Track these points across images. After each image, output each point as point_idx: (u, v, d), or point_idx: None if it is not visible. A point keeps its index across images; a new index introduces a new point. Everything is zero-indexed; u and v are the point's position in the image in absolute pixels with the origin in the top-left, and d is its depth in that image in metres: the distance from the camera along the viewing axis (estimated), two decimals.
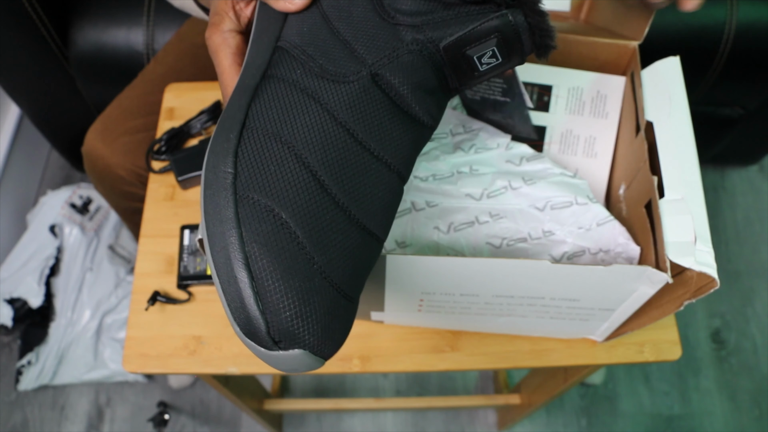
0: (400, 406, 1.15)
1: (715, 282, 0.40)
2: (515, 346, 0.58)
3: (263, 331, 0.31)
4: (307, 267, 0.31)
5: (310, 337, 0.31)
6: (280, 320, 0.31)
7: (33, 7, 0.96)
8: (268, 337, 0.31)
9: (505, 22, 0.35)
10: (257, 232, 0.31)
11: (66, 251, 1.21)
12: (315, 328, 0.31)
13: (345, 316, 0.33)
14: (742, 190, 1.45)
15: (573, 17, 0.65)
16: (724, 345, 1.28)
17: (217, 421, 1.20)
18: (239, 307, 0.31)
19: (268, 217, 0.32)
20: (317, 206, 0.33)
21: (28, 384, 1.19)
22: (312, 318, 0.31)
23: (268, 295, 0.31)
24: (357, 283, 0.34)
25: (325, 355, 0.32)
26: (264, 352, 0.31)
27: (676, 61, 0.51)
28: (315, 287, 0.31)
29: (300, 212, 0.32)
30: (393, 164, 0.36)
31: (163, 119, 0.72)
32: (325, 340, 0.32)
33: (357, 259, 0.34)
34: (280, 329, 0.31)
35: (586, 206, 0.53)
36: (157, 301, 0.60)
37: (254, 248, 0.31)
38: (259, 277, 0.31)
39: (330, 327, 0.32)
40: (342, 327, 0.33)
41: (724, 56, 1.02)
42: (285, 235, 0.32)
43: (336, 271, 0.33)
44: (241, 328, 0.32)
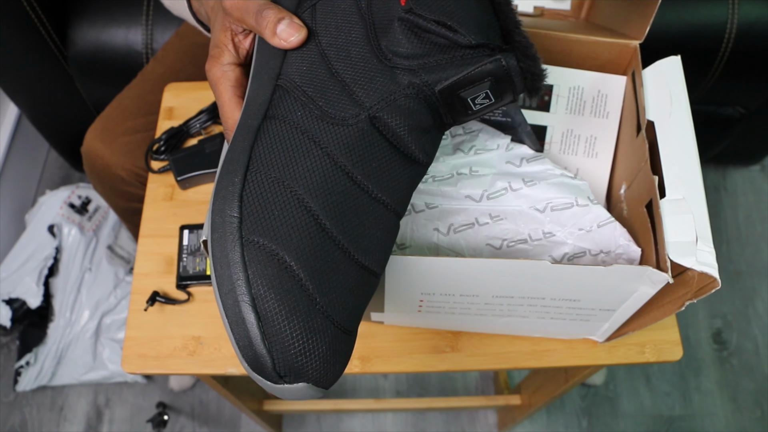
0: (400, 407, 1.15)
1: (717, 282, 0.40)
2: (516, 347, 0.58)
3: (270, 367, 0.33)
4: (309, 307, 0.33)
5: (314, 372, 0.33)
6: (285, 357, 0.32)
7: (32, 7, 0.96)
8: (274, 373, 0.33)
9: (498, 66, 0.37)
10: (263, 274, 0.33)
11: (65, 251, 1.21)
12: (318, 364, 0.33)
13: (345, 349, 0.35)
14: (744, 190, 1.44)
15: (574, 16, 0.64)
16: (726, 345, 1.28)
17: (217, 421, 1.20)
18: (247, 346, 0.33)
19: (273, 260, 0.33)
20: (319, 249, 0.34)
21: (26, 385, 1.19)
22: (315, 354, 0.33)
23: (273, 335, 0.32)
24: (356, 318, 0.36)
25: (327, 386, 0.34)
26: (270, 385, 0.33)
27: (677, 60, 0.51)
28: (317, 326, 0.33)
29: (303, 255, 0.34)
30: (390, 204, 0.38)
31: (162, 119, 0.72)
32: (326, 373, 0.34)
33: (356, 296, 0.36)
34: (285, 365, 0.33)
35: (586, 207, 0.53)
36: (156, 302, 0.60)
37: (260, 290, 0.33)
38: (266, 317, 0.33)
39: (331, 361, 0.34)
40: (342, 359, 0.35)
41: (726, 56, 1.02)
42: (289, 277, 0.33)
43: (336, 309, 0.34)
44: (249, 365, 0.33)
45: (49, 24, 1.00)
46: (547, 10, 0.64)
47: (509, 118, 0.56)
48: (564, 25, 0.61)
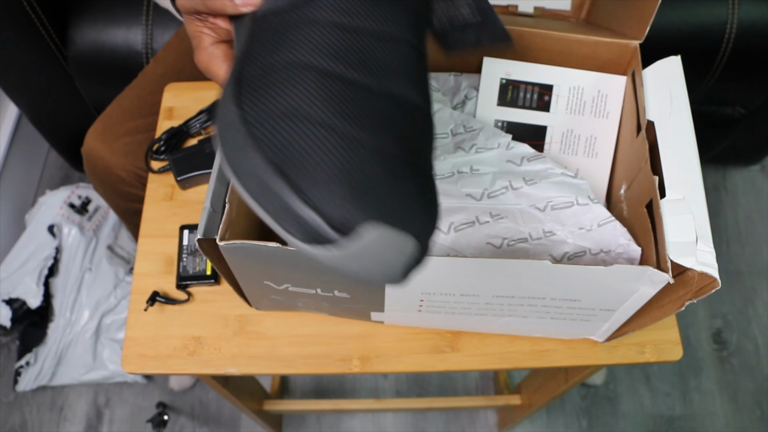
0: (400, 407, 1.15)
1: (717, 282, 0.40)
2: (516, 347, 0.58)
3: (324, 225, 0.27)
4: (340, 142, 0.29)
5: (374, 209, 0.28)
6: (333, 205, 0.28)
7: (32, 7, 0.96)
8: (332, 231, 0.28)
9: None
10: (277, 140, 0.29)
11: (65, 251, 1.21)
12: (374, 197, 0.28)
13: (413, 182, 0.30)
14: (744, 190, 1.44)
15: (574, 16, 0.64)
16: (726, 345, 1.28)
17: (217, 421, 1.20)
18: (288, 215, 0.28)
19: (284, 122, 0.30)
20: (333, 92, 0.31)
21: (26, 385, 1.19)
22: (366, 187, 0.28)
23: (310, 188, 0.28)
24: (413, 149, 0.31)
25: (408, 227, 0.28)
26: (338, 254, 0.28)
27: (677, 60, 0.51)
28: (357, 157, 0.29)
29: (316, 102, 0.30)
30: (396, 35, 0.35)
31: (162, 119, 0.72)
32: (395, 208, 0.28)
33: (399, 125, 0.31)
34: (336, 213, 0.27)
35: (587, 207, 0.53)
36: (156, 302, 0.60)
37: (278, 155, 0.29)
38: (293, 174, 0.28)
39: (395, 193, 0.29)
40: (415, 194, 0.30)
41: (726, 55, 1.02)
42: (306, 127, 0.29)
43: (377, 137, 0.30)
44: (300, 236, 0.28)
45: (49, 24, 1.00)
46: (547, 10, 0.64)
47: (479, 18, 0.51)
48: (564, 25, 0.61)
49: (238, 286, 0.54)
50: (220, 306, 0.60)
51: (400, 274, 0.29)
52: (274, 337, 0.59)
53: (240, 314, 0.60)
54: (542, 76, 0.58)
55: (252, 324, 0.59)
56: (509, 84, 0.59)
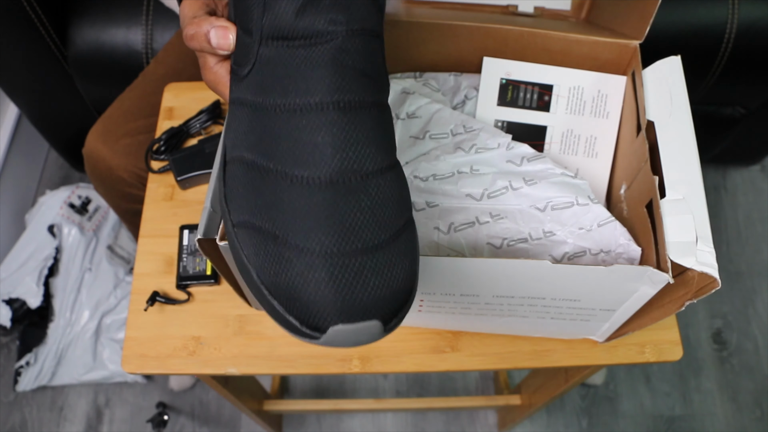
0: (400, 407, 1.15)
1: (717, 282, 0.40)
2: (516, 347, 0.58)
3: (302, 329, 0.33)
4: (280, 249, 0.34)
5: (337, 313, 0.32)
6: (306, 314, 0.33)
7: (32, 7, 0.96)
8: (309, 331, 0.33)
9: None
10: (257, 263, 0.35)
11: (65, 251, 1.21)
12: (334, 302, 0.33)
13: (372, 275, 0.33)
14: (744, 190, 1.44)
15: (574, 16, 0.64)
16: (726, 345, 1.28)
17: (217, 421, 1.20)
18: (280, 318, 0.34)
19: (247, 229, 0.36)
20: (257, 186, 0.36)
21: (26, 385, 1.19)
22: (323, 295, 0.33)
23: (288, 304, 0.33)
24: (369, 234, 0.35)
25: (374, 316, 0.33)
26: (322, 342, 0.33)
27: (677, 60, 0.51)
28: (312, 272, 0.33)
29: (254, 205, 0.36)
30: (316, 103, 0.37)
31: (163, 119, 0.72)
32: (356, 306, 0.33)
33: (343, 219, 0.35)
34: (312, 322, 0.33)
35: (587, 207, 0.53)
36: (156, 302, 0.60)
37: (262, 275, 0.34)
38: (276, 295, 0.34)
39: (355, 292, 0.33)
40: (376, 284, 0.33)
41: (726, 55, 1.02)
42: (256, 234, 0.35)
43: (292, 231, 0.34)
44: (292, 333, 0.34)
45: (49, 24, 1.00)
46: (547, 10, 0.64)
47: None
48: (564, 25, 0.61)
49: (238, 286, 0.54)
50: (220, 306, 0.60)
51: (377, 339, 0.34)
52: (274, 337, 0.59)
53: (240, 314, 0.60)
54: (542, 76, 0.58)
55: (252, 324, 0.59)
56: (509, 84, 0.59)
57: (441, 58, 0.60)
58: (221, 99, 0.43)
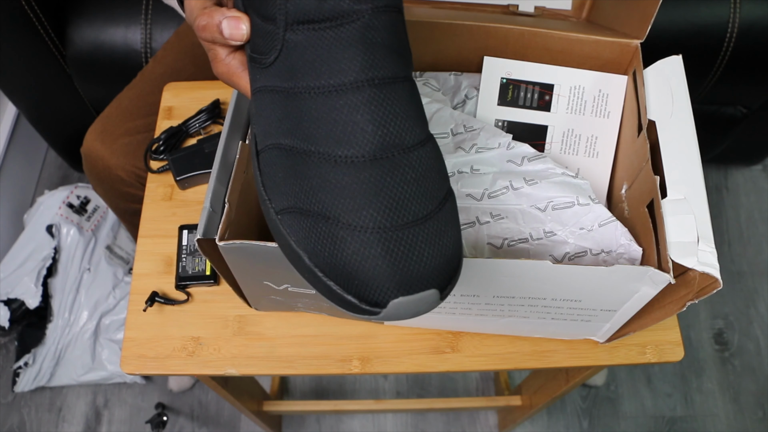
0: (400, 408, 1.15)
1: (718, 282, 0.40)
2: (516, 347, 0.58)
3: (362, 306, 0.33)
4: (333, 231, 0.34)
5: (399, 287, 0.33)
6: (366, 291, 0.33)
7: (30, 6, 0.95)
8: (369, 307, 0.33)
9: None
10: (309, 246, 0.35)
11: (63, 252, 1.20)
12: (398, 274, 0.33)
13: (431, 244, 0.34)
14: (745, 190, 1.44)
15: (575, 16, 0.64)
16: (727, 346, 1.28)
17: (216, 422, 1.20)
18: (336, 297, 0.34)
19: (293, 214, 0.36)
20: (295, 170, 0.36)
21: (25, 385, 1.19)
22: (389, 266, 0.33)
23: (346, 283, 0.33)
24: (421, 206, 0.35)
25: (433, 285, 0.33)
26: (379, 318, 0.34)
27: (678, 59, 0.51)
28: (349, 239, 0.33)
29: (292, 192, 0.36)
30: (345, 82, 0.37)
31: (162, 118, 0.71)
32: (417, 277, 0.33)
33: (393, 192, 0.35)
34: (371, 297, 0.33)
35: (587, 207, 0.52)
36: (155, 302, 0.60)
37: (314, 258, 0.35)
38: (331, 275, 0.34)
39: (415, 262, 0.33)
40: (434, 253, 0.34)
41: (727, 55, 1.01)
42: (305, 218, 0.35)
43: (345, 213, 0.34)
44: (349, 311, 0.34)
45: (48, 23, 0.99)
46: (547, 10, 0.64)
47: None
48: (565, 24, 0.61)
49: (237, 287, 0.53)
50: (220, 306, 0.60)
51: (435, 307, 0.34)
52: (273, 338, 0.58)
53: (239, 315, 0.60)
54: (543, 76, 0.58)
55: (251, 324, 0.59)
56: (510, 83, 0.59)
57: (441, 57, 0.59)
58: (237, 90, 0.42)
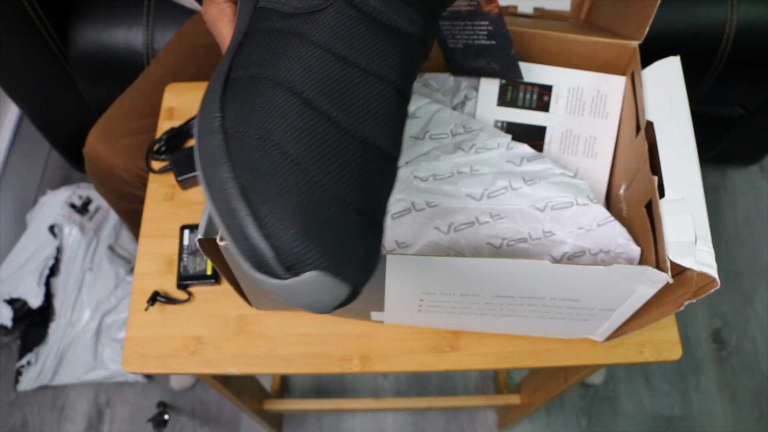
0: (400, 407, 1.15)
1: (716, 282, 0.40)
2: (515, 347, 0.58)
3: (271, 257, 0.29)
4: (304, 181, 0.30)
5: (322, 256, 0.29)
6: (284, 242, 0.29)
7: (33, 7, 0.96)
8: (278, 264, 0.30)
9: None
10: (249, 160, 0.31)
11: (65, 251, 1.21)
12: (324, 244, 0.29)
13: (362, 233, 0.31)
14: (743, 190, 1.45)
15: (573, 17, 0.64)
16: (725, 345, 1.28)
17: (217, 421, 1.20)
18: (244, 240, 0.30)
19: (259, 143, 0.31)
20: (308, 125, 0.32)
21: (27, 384, 1.19)
22: (318, 233, 0.30)
23: (268, 219, 0.30)
24: (370, 198, 0.33)
25: (348, 278, 0.30)
26: (278, 283, 0.30)
27: (676, 60, 0.51)
28: (316, 201, 0.30)
29: (290, 132, 0.32)
30: (384, 75, 0.35)
31: (163, 119, 0.72)
32: (341, 259, 0.30)
33: (362, 172, 0.32)
34: (287, 251, 0.29)
35: (586, 207, 0.53)
36: (156, 302, 0.60)
37: (248, 176, 0.30)
38: (256, 202, 0.30)
39: (344, 244, 0.30)
40: (362, 245, 0.31)
41: (725, 56, 1.02)
42: (277, 156, 0.31)
43: (338, 183, 0.31)
44: (250, 263, 0.30)
45: (50, 24, 1.00)
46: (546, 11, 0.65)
47: (493, 41, 0.53)
48: (563, 25, 0.61)
49: (238, 286, 0.54)
50: (221, 306, 0.61)
51: (329, 310, 0.32)
52: (274, 337, 0.59)
53: (240, 314, 0.60)
54: (542, 77, 0.58)
55: (252, 324, 0.59)
56: (509, 84, 0.59)
57: (441, 58, 0.60)
58: (217, 38, 0.41)
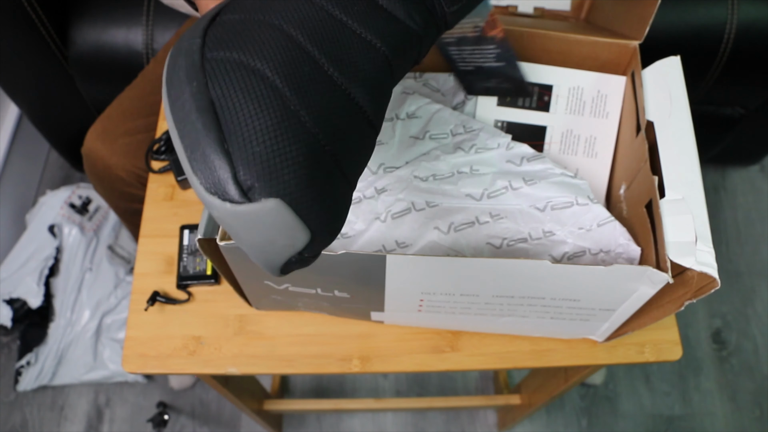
0: (400, 407, 1.15)
1: (716, 282, 0.40)
2: (515, 347, 0.58)
3: (228, 175, 0.26)
4: (280, 107, 0.28)
5: (286, 185, 0.27)
6: (247, 160, 0.26)
7: (32, 7, 0.96)
8: (234, 184, 0.26)
9: None
10: (224, 80, 0.28)
11: (65, 251, 1.21)
12: (291, 174, 0.27)
13: (333, 180, 0.29)
14: (743, 190, 1.45)
15: (573, 17, 0.64)
16: (725, 345, 1.28)
17: (217, 421, 1.20)
18: (201, 154, 0.27)
19: (239, 68, 0.28)
20: (295, 61, 0.30)
21: (27, 384, 1.19)
22: (286, 162, 0.27)
23: (233, 135, 0.27)
24: (345, 149, 0.30)
25: (310, 221, 0.28)
26: (231, 209, 0.27)
27: (676, 60, 0.51)
28: (291, 127, 0.27)
29: (274, 63, 0.29)
30: (377, 44, 0.33)
31: (163, 119, 0.72)
32: (307, 195, 0.27)
33: (342, 122, 0.30)
34: (248, 171, 0.26)
35: (586, 207, 0.53)
36: (156, 302, 0.60)
37: (219, 92, 0.28)
38: (225, 114, 0.27)
39: (313, 181, 0.27)
40: (331, 192, 0.28)
41: (725, 56, 1.02)
42: (255, 79, 0.28)
43: (316, 121, 0.28)
44: (204, 180, 0.27)
45: (50, 24, 1.00)
46: (546, 11, 0.65)
47: (503, 63, 0.53)
48: (564, 25, 0.61)
49: (238, 286, 0.54)
50: (221, 306, 0.61)
51: (280, 263, 0.29)
52: (274, 337, 0.59)
53: (240, 314, 0.60)
54: (542, 77, 0.58)
55: (252, 324, 0.59)
56: None
57: (441, 58, 0.60)
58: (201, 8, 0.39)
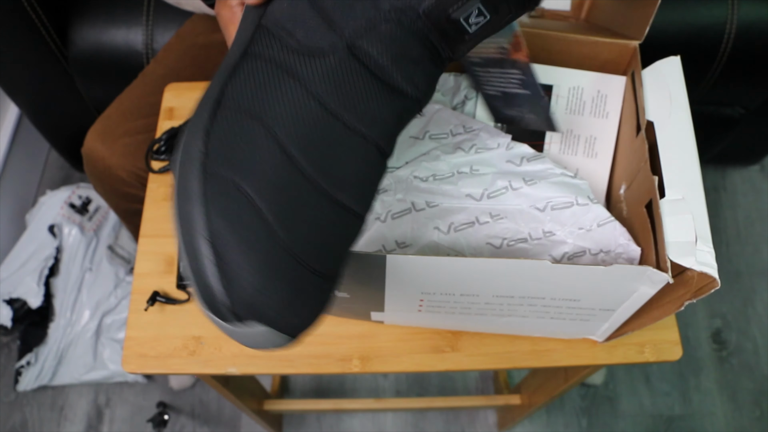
0: (400, 407, 1.15)
1: (716, 282, 0.40)
2: (515, 347, 0.58)
3: (227, 306, 0.31)
4: (269, 241, 0.32)
5: (273, 313, 0.31)
6: (242, 296, 0.31)
7: (32, 7, 0.96)
8: (231, 313, 0.31)
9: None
10: (222, 207, 0.32)
11: (65, 251, 1.21)
12: (277, 303, 0.31)
13: (314, 292, 0.33)
14: (743, 190, 1.45)
15: (573, 17, 0.64)
16: (725, 345, 1.28)
17: (217, 421, 1.20)
18: (204, 283, 0.31)
19: (233, 192, 0.32)
20: (284, 180, 0.33)
21: (27, 384, 1.19)
22: (273, 293, 0.31)
23: (230, 271, 0.31)
24: (330, 259, 0.34)
25: (291, 333, 0.32)
26: (226, 326, 0.32)
27: (676, 60, 0.51)
28: (276, 262, 0.31)
29: (266, 187, 0.32)
30: (369, 136, 0.35)
31: (163, 119, 0.72)
32: (287, 316, 0.32)
33: (328, 234, 0.34)
34: (242, 305, 0.31)
35: (586, 207, 0.53)
36: (156, 302, 0.60)
37: (219, 224, 0.31)
38: (223, 252, 0.31)
39: (294, 303, 0.32)
40: (309, 302, 0.33)
41: (725, 55, 1.02)
42: (249, 210, 0.32)
43: (302, 246, 0.32)
44: (206, 304, 0.32)
45: (50, 24, 1.00)
46: (546, 11, 0.65)
47: (527, 90, 0.53)
48: (564, 25, 0.61)
49: None
50: None
51: (270, 349, 0.33)
52: None
53: None
54: (542, 77, 0.58)
55: None
56: None
57: None
58: (227, 40, 0.42)
